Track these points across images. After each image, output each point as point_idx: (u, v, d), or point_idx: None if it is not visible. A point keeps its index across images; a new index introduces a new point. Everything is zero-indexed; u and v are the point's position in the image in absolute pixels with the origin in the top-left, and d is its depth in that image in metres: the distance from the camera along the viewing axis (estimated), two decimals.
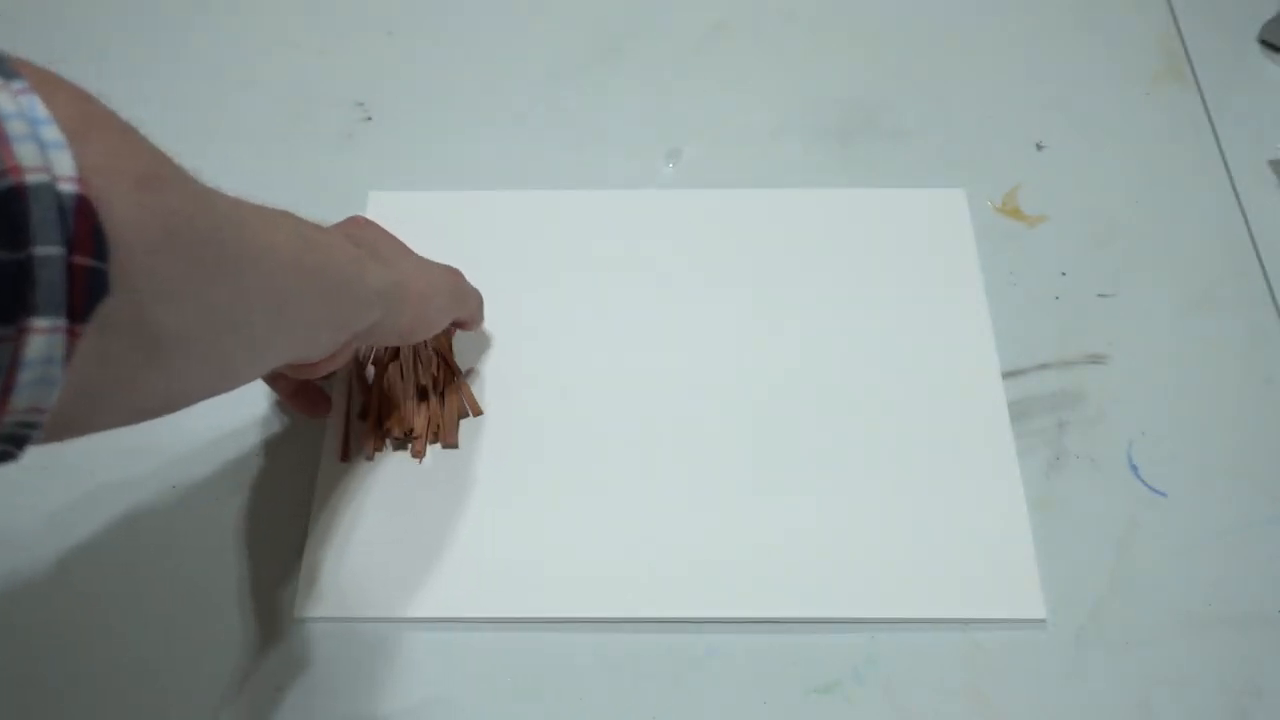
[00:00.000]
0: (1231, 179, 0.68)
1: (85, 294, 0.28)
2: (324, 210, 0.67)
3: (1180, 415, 0.59)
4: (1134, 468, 0.57)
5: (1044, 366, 0.61)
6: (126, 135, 0.32)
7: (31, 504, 0.56)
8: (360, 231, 0.53)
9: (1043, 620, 0.52)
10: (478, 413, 0.59)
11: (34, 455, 0.60)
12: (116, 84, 0.79)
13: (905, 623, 0.52)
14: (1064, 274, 0.64)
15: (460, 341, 0.61)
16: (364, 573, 0.54)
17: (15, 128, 0.26)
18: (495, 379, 0.60)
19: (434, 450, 0.58)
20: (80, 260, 0.27)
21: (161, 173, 0.32)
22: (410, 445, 0.57)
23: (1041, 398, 0.60)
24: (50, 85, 0.29)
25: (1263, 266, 0.64)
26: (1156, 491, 0.56)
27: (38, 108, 0.27)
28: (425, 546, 0.54)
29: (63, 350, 0.28)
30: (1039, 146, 0.71)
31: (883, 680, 0.51)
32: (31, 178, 0.26)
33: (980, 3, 0.79)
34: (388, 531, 0.55)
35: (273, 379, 0.55)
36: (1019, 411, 0.59)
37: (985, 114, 0.72)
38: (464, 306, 0.57)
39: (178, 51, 0.76)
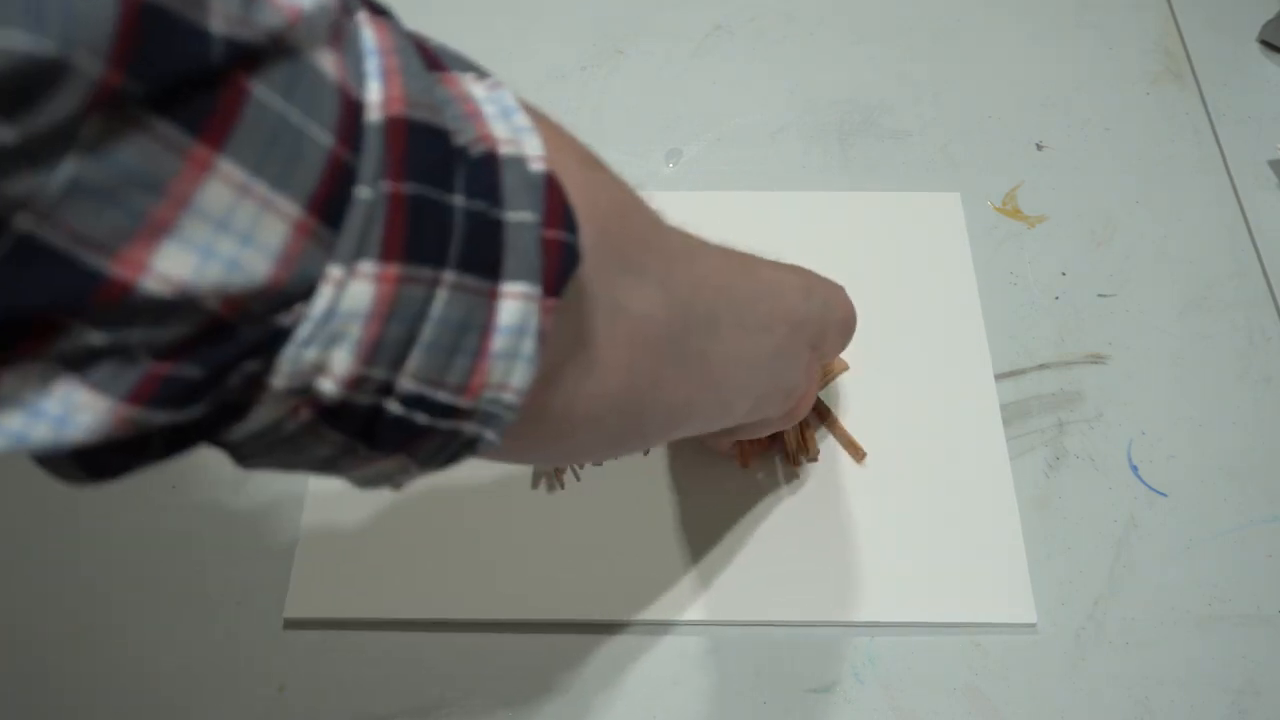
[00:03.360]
0: (1231, 179, 0.68)
1: (558, 266, 0.27)
2: None
3: (1180, 415, 0.59)
4: (1134, 468, 0.57)
5: (1044, 366, 0.61)
6: (560, 128, 0.32)
7: (31, 503, 0.56)
8: None
9: (1033, 625, 0.52)
10: None
11: None
12: None
13: (900, 626, 0.52)
14: (1064, 274, 0.64)
15: None
16: (360, 573, 0.54)
17: (489, 109, 0.27)
18: None
19: None
20: (552, 233, 0.27)
21: (597, 163, 0.33)
22: None
23: (1041, 397, 0.60)
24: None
25: (1263, 266, 0.64)
26: (1156, 491, 0.56)
27: (508, 98, 0.28)
28: (423, 547, 0.54)
29: (536, 323, 0.26)
30: (1039, 146, 0.71)
31: (882, 680, 0.51)
32: (505, 149, 0.26)
33: (980, 3, 0.79)
34: (383, 531, 0.55)
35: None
36: (1018, 411, 0.59)
37: (985, 114, 0.72)
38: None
39: None
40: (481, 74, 0.28)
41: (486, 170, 0.25)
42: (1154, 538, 0.55)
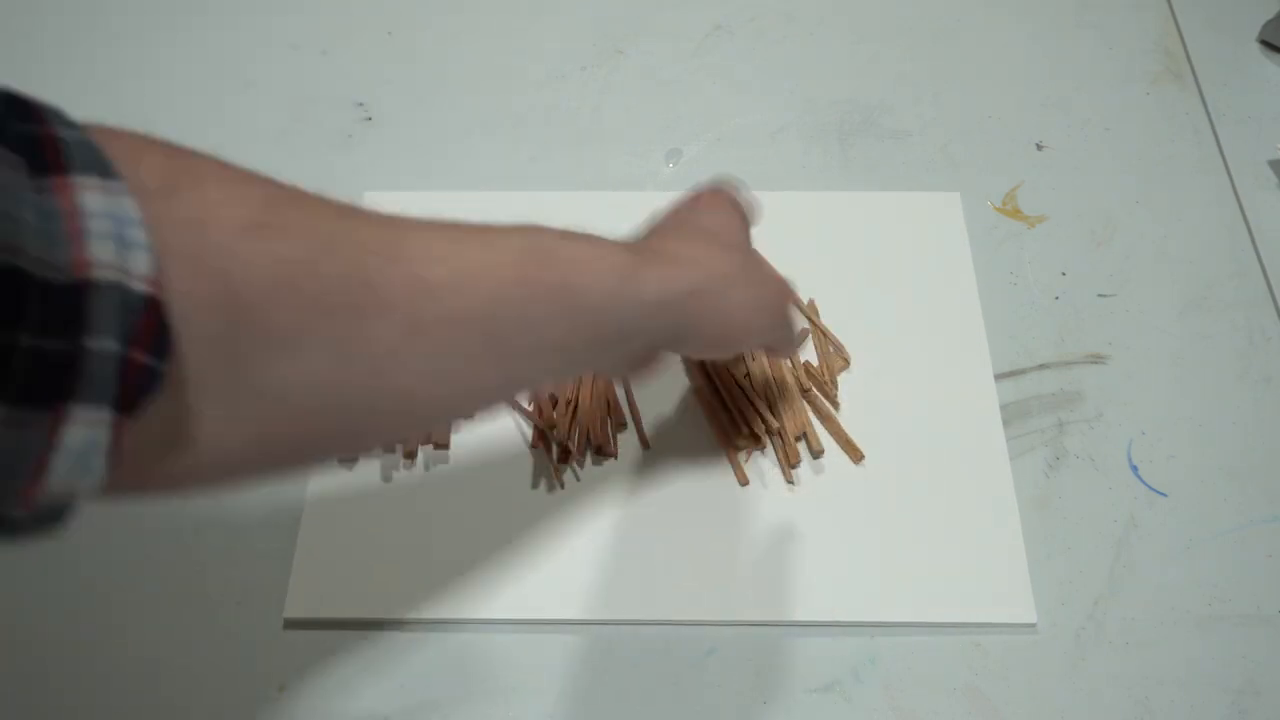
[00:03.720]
0: (1231, 179, 0.68)
1: (136, 389, 0.28)
2: None
3: (1180, 415, 0.59)
4: (1134, 468, 0.57)
5: (1044, 366, 0.61)
6: (230, 186, 0.32)
7: None
8: (691, 217, 0.48)
9: (1033, 625, 0.52)
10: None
11: None
12: (118, 84, 0.79)
13: (899, 626, 0.52)
14: (1064, 274, 0.64)
15: None
16: (360, 573, 0.54)
17: (98, 225, 0.27)
18: None
19: (427, 451, 0.58)
20: (137, 356, 0.27)
21: (271, 221, 0.32)
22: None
23: (1041, 398, 0.59)
24: (140, 149, 0.30)
25: (1263, 266, 0.64)
26: (1156, 491, 0.56)
27: (128, 208, 0.27)
28: (423, 547, 0.54)
29: (106, 441, 0.27)
30: (1039, 146, 0.71)
31: (882, 680, 0.51)
32: (100, 274, 0.27)
33: (980, 3, 0.79)
34: (383, 532, 0.55)
35: None
36: (1019, 411, 0.59)
37: (985, 114, 0.72)
38: (783, 331, 0.51)
39: (178, 52, 0.76)
40: (108, 177, 0.28)
41: (70, 300, 0.26)
42: (1154, 538, 0.55)
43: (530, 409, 0.58)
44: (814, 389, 0.59)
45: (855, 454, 0.57)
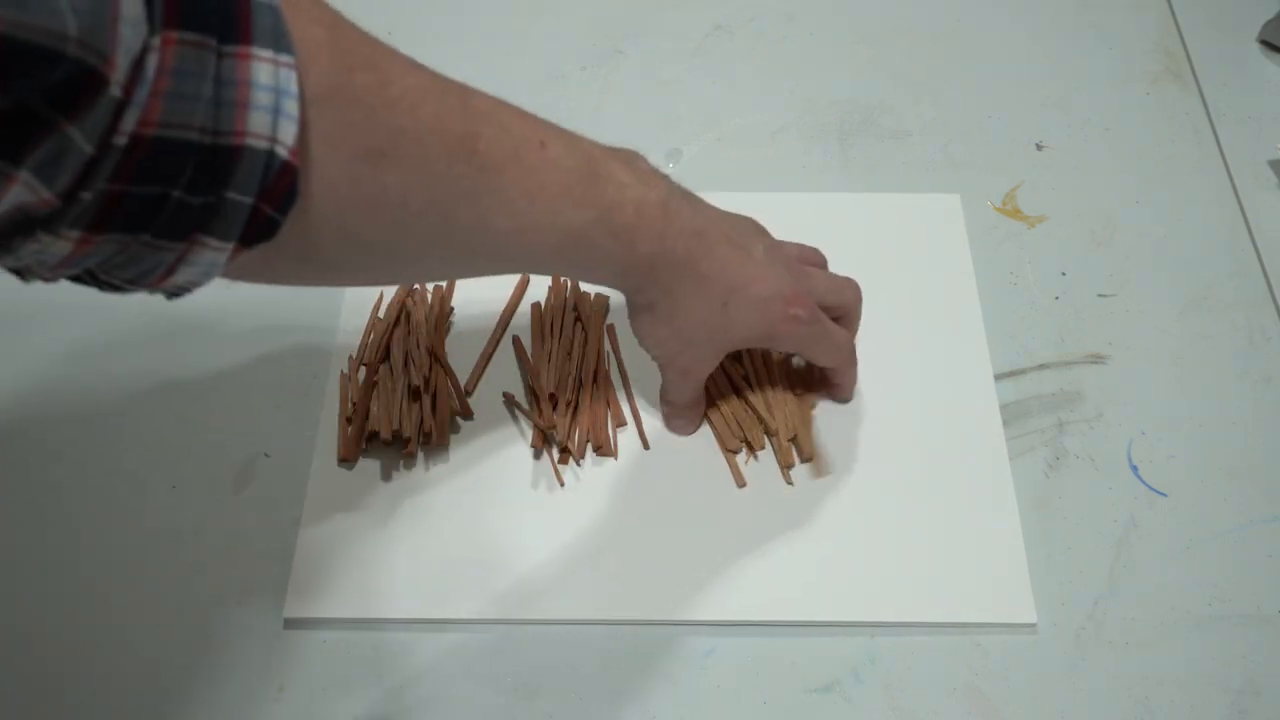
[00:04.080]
0: (1231, 179, 0.68)
1: (256, 233, 0.35)
2: None
3: (1180, 415, 0.59)
4: (1134, 468, 0.57)
5: (1044, 366, 0.61)
6: (369, 110, 0.37)
7: (31, 502, 0.56)
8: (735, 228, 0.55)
9: (1033, 625, 0.52)
10: (468, 415, 0.59)
11: (34, 451, 0.59)
12: None
13: (899, 626, 0.52)
14: (1064, 274, 0.64)
15: (452, 343, 0.61)
16: (360, 573, 0.54)
17: (261, 98, 0.33)
18: (487, 381, 0.60)
19: (426, 451, 0.57)
20: (264, 208, 0.35)
21: (388, 150, 0.38)
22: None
23: (1041, 398, 0.59)
24: (315, 49, 0.35)
25: (1263, 266, 0.64)
26: (1156, 491, 0.56)
27: (291, 82, 0.33)
28: (423, 547, 0.54)
29: (224, 260, 0.36)
30: (1039, 146, 0.71)
31: (882, 680, 0.51)
32: (253, 141, 0.33)
33: (980, 3, 0.79)
34: (383, 531, 0.55)
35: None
36: (1019, 411, 0.59)
37: (985, 114, 0.72)
38: (794, 335, 0.53)
39: None
40: (280, 51, 0.33)
41: (223, 162, 0.33)
42: (1154, 538, 0.55)
43: (530, 409, 0.58)
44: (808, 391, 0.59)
45: (809, 457, 0.56)
